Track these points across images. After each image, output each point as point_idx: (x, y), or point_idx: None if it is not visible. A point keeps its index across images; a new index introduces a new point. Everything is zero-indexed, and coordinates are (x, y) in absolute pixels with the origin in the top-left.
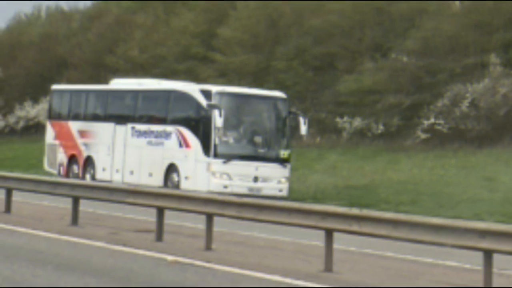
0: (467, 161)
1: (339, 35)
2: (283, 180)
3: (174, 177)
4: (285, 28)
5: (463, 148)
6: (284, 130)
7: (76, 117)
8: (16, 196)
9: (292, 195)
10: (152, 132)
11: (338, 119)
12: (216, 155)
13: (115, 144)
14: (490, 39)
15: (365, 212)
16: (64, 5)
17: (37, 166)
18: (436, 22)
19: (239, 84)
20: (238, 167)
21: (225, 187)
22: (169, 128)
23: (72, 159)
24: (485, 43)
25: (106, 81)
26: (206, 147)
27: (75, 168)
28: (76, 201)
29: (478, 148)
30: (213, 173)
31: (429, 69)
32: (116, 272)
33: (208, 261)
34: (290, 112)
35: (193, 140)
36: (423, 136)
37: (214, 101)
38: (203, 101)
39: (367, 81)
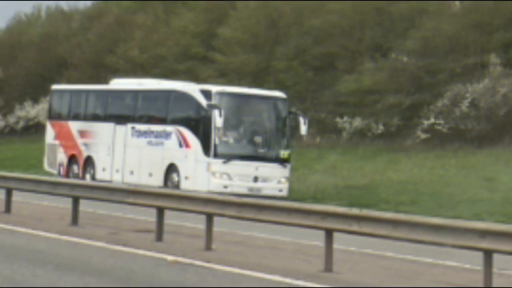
0: (467, 161)
1: (339, 35)
2: (283, 180)
3: (174, 177)
4: (285, 28)
5: (463, 148)
6: (284, 130)
7: (76, 117)
8: (16, 196)
9: (292, 195)
10: (152, 132)
11: (338, 119)
12: (216, 155)
13: (115, 144)
14: (490, 39)
15: (365, 212)
16: (64, 5)
17: (37, 166)
18: (436, 22)
19: (239, 84)
20: (238, 167)
21: (225, 187)
22: (169, 128)
23: (72, 159)
24: (485, 43)
25: (106, 81)
26: (206, 147)
27: (75, 168)
28: (76, 201)
29: (478, 148)
30: (213, 173)
31: (429, 69)
32: (116, 272)
33: (208, 261)
34: (290, 112)
35: (193, 140)
36: (423, 136)
37: (214, 101)
38: (203, 101)
39: (367, 81)
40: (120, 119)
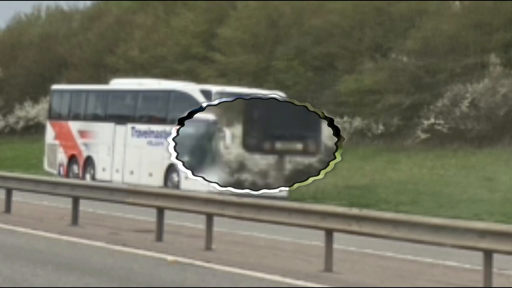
0: (467, 161)
1: (339, 35)
2: None
3: (174, 177)
4: (285, 28)
5: (463, 148)
6: None
7: (76, 117)
8: (16, 196)
9: (292, 195)
10: (152, 132)
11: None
12: None
13: (115, 144)
14: (490, 39)
15: (365, 212)
16: (64, 5)
17: (37, 166)
18: (436, 22)
19: (239, 84)
20: None
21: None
22: (169, 128)
23: (72, 159)
24: (485, 43)
25: (106, 81)
26: None
27: (75, 168)
28: (76, 201)
29: (478, 148)
30: None
31: (429, 69)
32: (116, 272)
33: (208, 261)
34: None
35: None
36: (423, 136)
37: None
38: (203, 101)
39: (367, 81)
40: (120, 119)
